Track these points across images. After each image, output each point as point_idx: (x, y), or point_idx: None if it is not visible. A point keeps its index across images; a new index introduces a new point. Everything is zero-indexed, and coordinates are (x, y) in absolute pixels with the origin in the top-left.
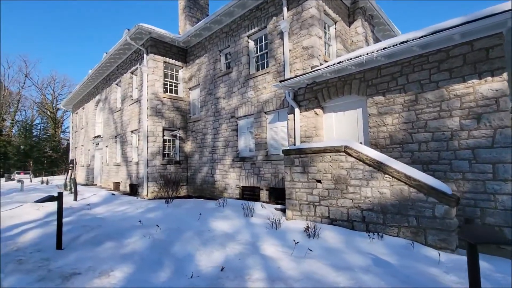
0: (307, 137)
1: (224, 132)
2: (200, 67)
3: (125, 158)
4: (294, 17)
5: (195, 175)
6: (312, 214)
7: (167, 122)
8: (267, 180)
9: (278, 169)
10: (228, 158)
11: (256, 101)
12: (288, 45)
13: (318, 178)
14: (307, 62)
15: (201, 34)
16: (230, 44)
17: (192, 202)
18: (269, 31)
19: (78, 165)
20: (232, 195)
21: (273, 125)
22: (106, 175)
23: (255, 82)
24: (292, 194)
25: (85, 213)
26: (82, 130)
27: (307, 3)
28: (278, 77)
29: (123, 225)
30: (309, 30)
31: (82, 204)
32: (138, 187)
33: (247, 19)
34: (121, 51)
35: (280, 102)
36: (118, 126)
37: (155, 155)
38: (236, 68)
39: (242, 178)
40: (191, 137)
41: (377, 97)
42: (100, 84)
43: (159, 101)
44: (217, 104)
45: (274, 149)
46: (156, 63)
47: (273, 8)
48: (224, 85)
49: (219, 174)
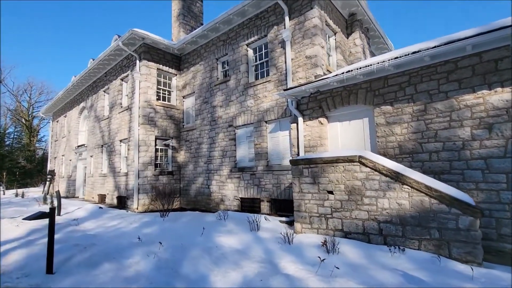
0: (311, 147)
1: (221, 142)
2: (195, 75)
3: (112, 168)
4: (296, 26)
5: (188, 186)
6: (323, 227)
7: (160, 131)
8: (268, 191)
9: (280, 179)
10: (226, 169)
11: (256, 110)
12: (290, 54)
13: (330, 189)
14: (311, 71)
15: (197, 41)
16: (228, 52)
17: (189, 215)
18: (269, 40)
19: (58, 176)
20: (229, 207)
21: (274, 134)
22: (90, 187)
23: (255, 91)
24: (301, 206)
25: (73, 229)
26: (63, 139)
27: (310, 13)
28: (279, 85)
29: (120, 243)
30: (312, 39)
31: (67, 219)
32: (127, 199)
33: (246, 28)
34: (111, 57)
35: (282, 111)
36: (105, 135)
37: (147, 165)
38: (235, 77)
39: (241, 189)
40: (185, 147)
41: (384, 107)
42: (86, 91)
43: (152, 109)
44: (213, 113)
45: (276, 159)
46: (149, 70)
47: (274, 17)
48: (221, 94)
49: (215, 185)
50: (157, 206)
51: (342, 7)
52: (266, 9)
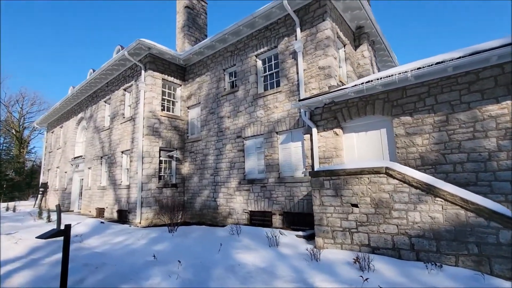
0: (326, 158)
1: (229, 153)
2: (201, 86)
3: (112, 181)
4: (308, 38)
5: (193, 199)
6: (348, 242)
7: (164, 142)
8: (281, 204)
9: (294, 192)
10: (234, 181)
11: (267, 120)
12: (303, 65)
13: (354, 202)
14: (324, 82)
15: (203, 52)
16: (236, 62)
17: (198, 229)
18: (280, 51)
19: (51, 189)
20: (238, 221)
21: (286, 145)
22: (87, 200)
23: (265, 101)
24: (322, 220)
25: (78, 246)
26: (58, 151)
27: (323, 25)
28: (291, 96)
29: (134, 262)
30: (325, 50)
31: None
32: (129, 213)
33: (255, 39)
34: (115, 67)
35: (294, 122)
36: (105, 146)
37: (151, 177)
38: (243, 87)
39: (251, 202)
40: (190, 158)
41: (404, 117)
42: (85, 101)
43: (157, 120)
44: (220, 124)
45: (288, 171)
46: (155, 80)
47: (285, 29)
48: (229, 104)
49: (222, 198)
50: (161, 220)
51: (351, 20)
52: (276, 21)
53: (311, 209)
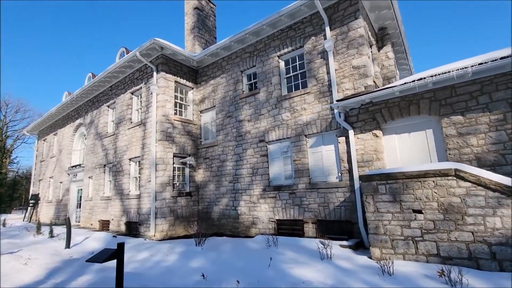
0: (365, 162)
1: (251, 158)
2: (216, 88)
3: (119, 190)
4: (339, 36)
5: (209, 208)
6: (411, 251)
7: (178, 147)
8: (313, 211)
9: (328, 198)
10: (257, 188)
11: (294, 123)
12: (334, 65)
13: (417, 207)
14: (359, 82)
15: (217, 53)
16: (255, 64)
17: (225, 242)
18: (307, 51)
19: (43, 201)
20: (264, 231)
21: (316, 149)
22: (87, 212)
23: (291, 103)
24: (379, 228)
25: (103, 266)
26: (52, 159)
27: (355, 23)
28: (321, 97)
29: (180, 283)
30: (358, 49)
31: (82, 252)
32: (140, 225)
33: (277, 39)
34: (122, 69)
35: (326, 124)
36: (109, 153)
37: (165, 186)
38: (265, 89)
39: (278, 210)
40: (204, 165)
41: (454, 117)
42: (84, 106)
43: (170, 124)
44: (239, 128)
45: (320, 176)
46: (167, 83)
47: (311, 28)
48: (249, 107)
49: (244, 207)
50: (177, 232)
51: (375, 20)
52: (301, 20)
53: (350, 217)
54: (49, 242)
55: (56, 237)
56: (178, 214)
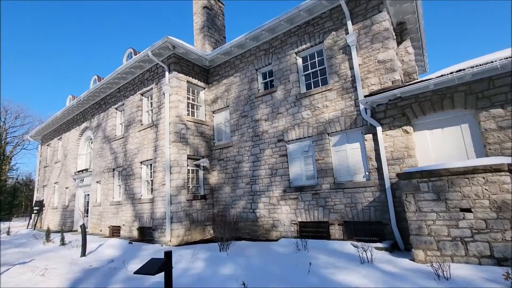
0: (395, 159)
1: (269, 159)
2: (229, 88)
3: (130, 195)
4: (361, 31)
5: (225, 211)
6: (461, 253)
7: (192, 149)
8: (339, 212)
9: (356, 198)
10: (277, 189)
11: (315, 121)
12: (357, 60)
13: (465, 206)
14: (386, 76)
15: (230, 52)
16: (271, 61)
17: (248, 246)
18: (327, 47)
19: (48, 207)
20: (285, 234)
21: (340, 147)
22: (96, 218)
23: (311, 101)
24: (422, 229)
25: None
26: (56, 165)
27: (379, 16)
28: (344, 93)
29: None
30: (384, 43)
31: (100, 260)
32: (154, 230)
33: (294, 35)
34: (132, 69)
35: (350, 121)
36: (119, 156)
37: (180, 189)
38: (282, 87)
39: (300, 211)
40: (218, 167)
41: (493, 110)
42: (90, 110)
43: (183, 125)
44: (256, 127)
45: (345, 175)
46: (180, 82)
47: (331, 23)
48: (265, 106)
49: (263, 209)
50: (192, 237)
51: (394, 14)
52: (319, 16)
53: (380, 217)
54: (61, 250)
55: (68, 245)
56: (194, 218)
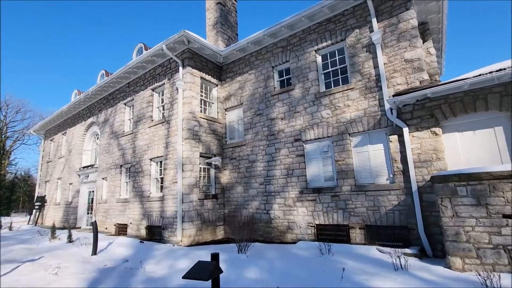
0: (422, 162)
1: (285, 159)
2: (243, 85)
3: (138, 192)
4: (387, 29)
5: (236, 212)
6: (503, 262)
7: (204, 147)
8: (361, 215)
9: (379, 201)
10: (293, 190)
11: (335, 121)
12: (382, 58)
13: (509, 212)
14: (414, 76)
15: (245, 48)
16: (289, 59)
17: (267, 249)
18: (349, 44)
19: (50, 203)
20: (301, 236)
21: (362, 148)
22: (101, 216)
23: (331, 100)
24: (460, 235)
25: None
26: (60, 160)
27: (406, 14)
28: (368, 93)
29: None
30: (411, 41)
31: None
32: (164, 229)
33: (314, 32)
34: (144, 64)
35: (374, 122)
36: (127, 153)
37: (192, 187)
38: (301, 85)
39: (318, 214)
40: (231, 166)
41: None
42: (97, 105)
43: (196, 122)
44: (271, 126)
45: (367, 177)
46: (194, 78)
47: (354, 20)
48: (282, 104)
49: (278, 210)
50: (203, 237)
51: (418, 14)
52: (341, 13)
53: (406, 221)
54: (69, 247)
55: (75, 242)
56: (205, 218)
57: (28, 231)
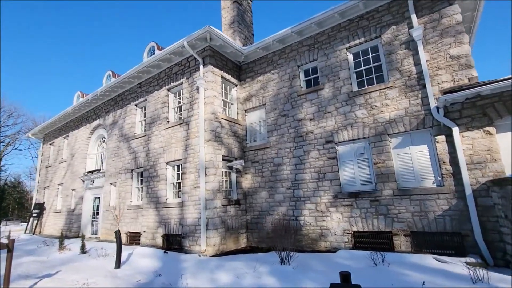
0: (475, 163)
1: (315, 162)
2: (265, 85)
3: (153, 198)
4: (428, 24)
5: (260, 218)
6: None
7: (226, 149)
8: (406, 221)
9: (426, 206)
10: (325, 195)
11: (372, 121)
12: (425, 55)
13: None
14: (461, 73)
15: (268, 47)
16: (317, 57)
17: (307, 258)
18: (385, 41)
19: (50, 210)
20: (337, 244)
21: (402, 150)
22: (109, 223)
23: (367, 99)
24: None
25: None
26: (61, 165)
27: (450, 9)
28: (409, 91)
29: None
30: (457, 37)
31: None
32: (184, 238)
33: (344, 30)
34: (160, 62)
35: (417, 122)
36: (139, 156)
37: (216, 192)
38: (331, 85)
39: (356, 220)
40: (253, 169)
41: None
42: (103, 106)
43: (218, 123)
44: (299, 128)
45: (410, 181)
46: (215, 77)
47: (390, 17)
48: (310, 105)
49: (309, 216)
50: (227, 246)
51: None
52: (375, 9)
53: (459, 228)
54: (85, 259)
55: (90, 253)
56: (228, 226)
57: (29, 240)
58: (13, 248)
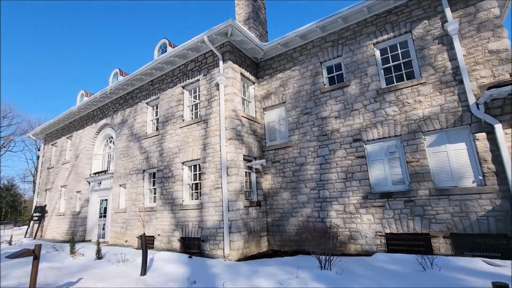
0: None
1: (342, 161)
2: (285, 83)
3: (168, 200)
4: (463, 19)
5: (282, 220)
6: None
7: (247, 149)
8: (445, 223)
9: (467, 206)
10: (354, 195)
11: (404, 118)
12: (461, 50)
13: None
14: (502, 68)
15: (289, 43)
16: (341, 53)
17: (343, 263)
18: (417, 36)
19: (53, 213)
20: (368, 247)
21: (438, 148)
22: (119, 227)
23: (397, 96)
24: None
25: None
26: (65, 166)
27: (487, 3)
28: (444, 87)
29: None
30: (495, 32)
31: (170, 279)
32: (204, 242)
33: (371, 25)
34: (175, 58)
35: (454, 119)
36: (152, 156)
37: (238, 194)
38: (358, 81)
39: (389, 221)
40: (273, 169)
41: None
42: (111, 105)
43: (239, 121)
44: (323, 126)
45: (447, 180)
46: (235, 74)
47: (421, 11)
48: (335, 102)
49: (336, 218)
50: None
51: None
52: (405, 3)
53: (504, 229)
54: (104, 265)
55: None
56: (250, 228)
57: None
58: (40, 255)
